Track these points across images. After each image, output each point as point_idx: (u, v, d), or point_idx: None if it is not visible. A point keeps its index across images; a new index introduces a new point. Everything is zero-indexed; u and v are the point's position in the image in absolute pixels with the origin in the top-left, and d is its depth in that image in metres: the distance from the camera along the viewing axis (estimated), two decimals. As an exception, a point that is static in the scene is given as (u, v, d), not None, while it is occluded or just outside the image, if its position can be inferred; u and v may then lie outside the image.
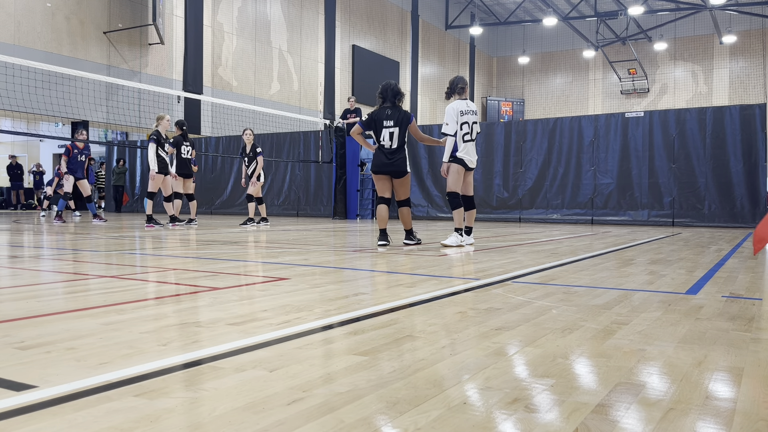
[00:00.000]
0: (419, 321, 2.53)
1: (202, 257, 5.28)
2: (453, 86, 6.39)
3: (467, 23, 31.65)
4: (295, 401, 1.49)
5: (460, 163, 6.31)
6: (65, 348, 1.98)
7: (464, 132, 6.28)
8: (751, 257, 5.59)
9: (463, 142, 6.29)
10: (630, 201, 13.21)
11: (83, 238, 7.42)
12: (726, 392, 1.63)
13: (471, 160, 6.36)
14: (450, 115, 6.24)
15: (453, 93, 6.41)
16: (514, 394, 1.57)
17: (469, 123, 6.31)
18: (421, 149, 15.23)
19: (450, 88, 6.42)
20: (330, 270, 4.33)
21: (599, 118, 13.60)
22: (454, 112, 6.26)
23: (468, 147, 6.34)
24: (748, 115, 12.21)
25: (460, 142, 6.29)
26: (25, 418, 1.36)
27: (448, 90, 6.44)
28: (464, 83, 6.41)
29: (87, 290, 3.31)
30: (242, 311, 2.65)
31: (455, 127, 6.23)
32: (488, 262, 4.87)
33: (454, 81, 6.41)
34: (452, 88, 6.40)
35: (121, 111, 16.78)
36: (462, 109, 6.30)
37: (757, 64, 29.90)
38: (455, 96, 6.39)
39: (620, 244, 7.15)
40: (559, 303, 2.95)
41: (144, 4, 18.14)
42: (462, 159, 6.28)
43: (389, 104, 6.39)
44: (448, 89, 6.43)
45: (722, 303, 3.01)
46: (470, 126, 6.31)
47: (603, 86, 33.79)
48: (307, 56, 24.04)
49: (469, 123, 6.31)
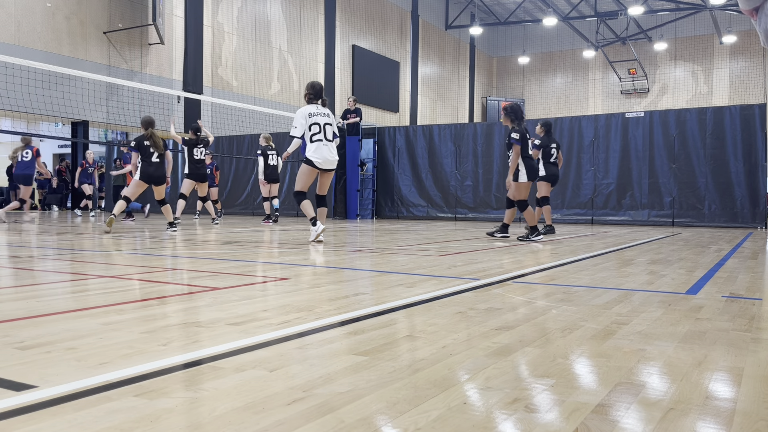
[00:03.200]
0: (419, 321, 2.52)
1: (202, 257, 5.28)
2: (318, 91, 6.71)
3: (467, 23, 31.65)
4: (295, 401, 1.49)
5: (309, 163, 6.44)
6: (65, 348, 1.98)
7: (312, 132, 6.48)
8: (751, 257, 5.59)
9: (311, 142, 6.46)
10: (630, 201, 13.21)
11: (83, 239, 7.42)
12: (726, 392, 1.63)
13: (320, 161, 6.47)
14: (298, 119, 6.53)
15: (317, 97, 6.71)
16: (514, 394, 1.57)
17: (319, 124, 6.50)
18: (421, 149, 15.24)
19: (314, 93, 6.70)
20: (330, 270, 4.33)
21: (599, 118, 13.60)
22: (302, 115, 6.54)
23: (318, 147, 6.47)
24: (748, 115, 12.21)
25: (309, 142, 6.47)
26: (25, 418, 1.36)
27: (312, 94, 6.70)
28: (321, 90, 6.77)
29: (87, 290, 3.31)
30: (242, 311, 2.65)
31: (302, 130, 6.50)
32: (488, 262, 4.87)
33: (317, 86, 6.74)
34: (316, 93, 6.70)
35: (121, 111, 16.78)
36: (311, 112, 6.54)
37: (757, 64, 29.91)
38: (316, 101, 6.68)
39: (620, 244, 7.15)
40: (559, 303, 2.95)
41: (144, 4, 18.14)
42: (311, 159, 6.44)
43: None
44: (312, 94, 6.70)
45: (722, 303, 3.01)
46: (321, 127, 6.49)
47: (603, 86, 33.80)
48: (307, 56, 24.04)
49: (320, 124, 6.50)
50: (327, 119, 6.58)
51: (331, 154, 6.52)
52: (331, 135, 6.57)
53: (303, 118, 6.52)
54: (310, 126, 6.48)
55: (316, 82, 6.80)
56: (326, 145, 6.49)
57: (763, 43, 1.87)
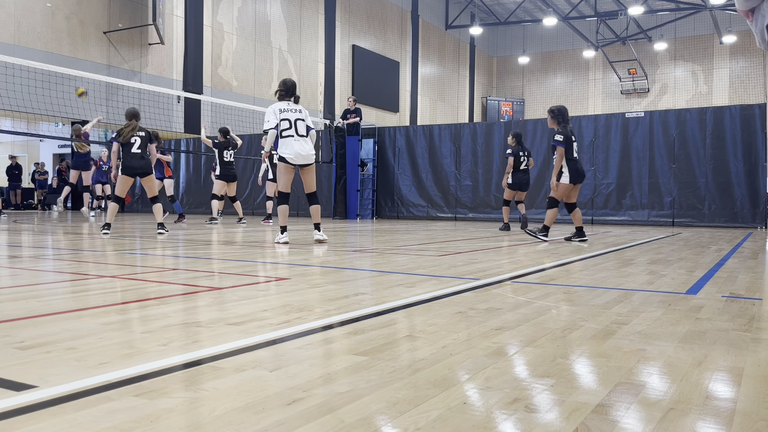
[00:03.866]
0: (419, 321, 2.52)
1: (202, 257, 5.28)
2: (289, 88, 6.65)
3: (467, 23, 31.64)
4: (295, 401, 1.49)
5: (282, 160, 6.45)
6: (65, 348, 1.98)
7: (283, 128, 6.47)
8: (751, 257, 5.59)
9: (281, 137, 6.46)
10: (630, 201, 13.21)
11: (83, 239, 7.42)
12: (726, 392, 1.63)
13: (291, 157, 6.43)
14: (268, 114, 6.55)
15: (289, 95, 6.65)
16: (514, 394, 1.57)
17: (290, 120, 6.48)
18: (421, 149, 15.23)
19: (286, 90, 6.65)
20: (330, 270, 4.33)
21: (599, 118, 13.60)
22: (272, 111, 6.55)
23: (288, 143, 6.44)
24: (748, 115, 12.20)
25: (280, 138, 6.47)
26: (25, 418, 1.36)
27: (284, 91, 6.65)
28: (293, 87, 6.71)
29: (87, 290, 3.31)
30: (242, 311, 2.65)
31: (274, 122, 6.48)
32: (488, 262, 4.87)
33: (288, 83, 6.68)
34: (287, 90, 6.65)
35: (121, 111, 16.75)
36: (282, 108, 6.53)
37: (757, 64, 29.90)
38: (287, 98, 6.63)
39: (620, 244, 7.15)
40: (559, 303, 2.95)
41: (144, 4, 18.14)
42: (282, 156, 6.44)
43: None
44: (284, 90, 6.65)
45: (722, 303, 3.01)
46: (291, 123, 6.47)
47: (603, 86, 33.79)
48: (307, 56, 24.03)
49: (290, 120, 6.48)
50: (298, 114, 6.54)
51: (303, 149, 6.45)
52: (303, 130, 6.51)
53: (273, 113, 6.52)
54: (281, 122, 6.46)
55: (288, 79, 6.75)
56: (297, 140, 6.44)
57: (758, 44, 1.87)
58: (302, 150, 6.46)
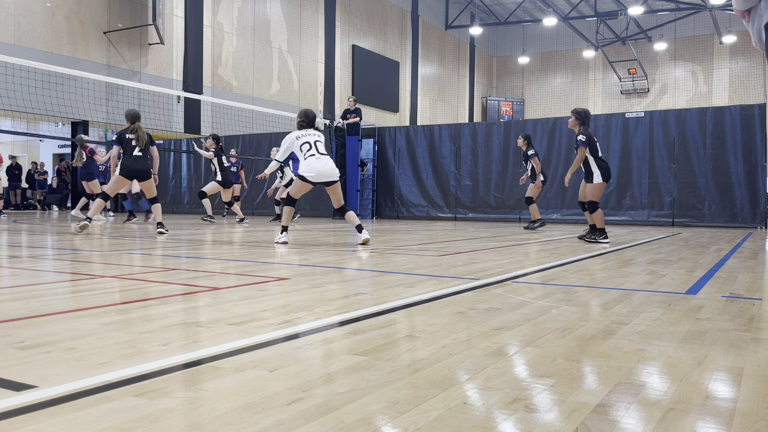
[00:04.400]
0: (419, 321, 2.52)
1: (202, 257, 5.28)
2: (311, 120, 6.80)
3: (467, 23, 31.64)
4: (295, 401, 1.49)
5: (302, 179, 6.59)
6: (65, 348, 1.98)
7: (304, 151, 6.60)
8: (751, 257, 5.59)
9: (304, 159, 6.60)
10: (630, 201, 13.20)
11: (83, 239, 7.42)
12: (726, 392, 1.63)
13: (313, 175, 6.53)
14: (283, 144, 6.74)
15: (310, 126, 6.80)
16: (514, 394, 1.57)
17: (309, 142, 6.61)
18: (421, 149, 15.23)
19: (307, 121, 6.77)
20: (330, 270, 4.33)
21: (599, 118, 13.60)
22: (289, 141, 6.69)
23: (310, 162, 6.55)
24: (748, 115, 12.20)
25: (302, 160, 6.62)
26: (25, 418, 1.36)
27: (305, 122, 6.77)
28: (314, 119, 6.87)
29: (87, 290, 3.31)
30: (242, 311, 2.65)
31: (284, 156, 6.77)
32: (488, 262, 4.87)
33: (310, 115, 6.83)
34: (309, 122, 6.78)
35: (121, 111, 16.76)
36: (298, 135, 6.67)
37: (757, 64, 29.90)
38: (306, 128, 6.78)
39: (620, 244, 7.15)
40: (559, 303, 2.95)
41: (144, 4, 18.14)
42: (303, 175, 6.57)
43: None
44: (305, 122, 6.77)
45: (722, 303, 3.01)
46: (311, 144, 6.60)
47: (603, 86, 33.79)
48: (307, 56, 24.03)
49: (310, 142, 6.61)
50: (317, 137, 6.69)
51: (326, 167, 6.54)
52: (323, 148, 6.67)
53: (288, 144, 6.68)
54: (301, 146, 6.59)
55: (309, 111, 6.85)
56: (319, 158, 6.53)
57: (754, 44, 1.87)
58: (324, 168, 6.52)
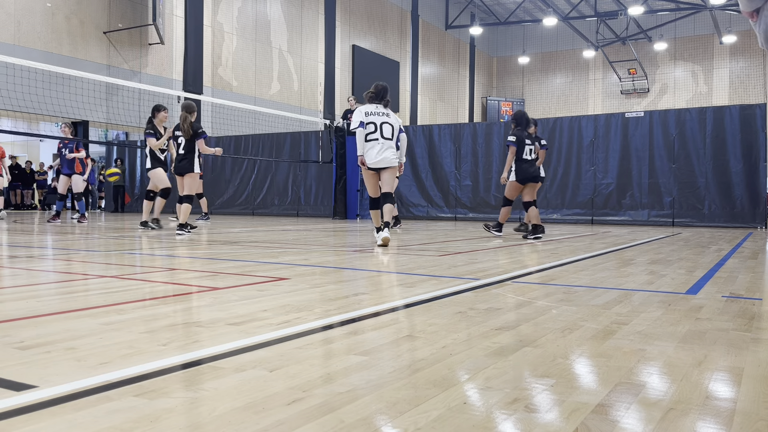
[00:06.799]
0: (419, 321, 2.52)
1: (202, 257, 5.28)
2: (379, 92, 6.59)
3: (467, 23, 31.65)
4: (295, 401, 1.49)
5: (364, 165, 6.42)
6: (65, 348, 1.98)
7: (368, 132, 6.41)
8: (751, 257, 5.59)
9: (366, 141, 6.40)
10: (630, 201, 13.20)
11: (83, 239, 7.42)
12: (726, 392, 1.63)
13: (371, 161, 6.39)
14: (355, 114, 6.50)
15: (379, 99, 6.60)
16: (514, 394, 1.57)
17: (375, 123, 6.42)
18: (421, 149, 15.24)
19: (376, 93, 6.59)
20: (330, 270, 4.33)
21: (599, 118, 13.60)
22: (359, 112, 6.48)
23: (371, 146, 6.39)
24: (748, 115, 12.20)
25: (363, 142, 6.40)
26: (25, 418, 1.36)
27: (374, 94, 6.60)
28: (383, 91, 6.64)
29: (87, 290, 3.31)
30: (242, 311, 2.65)
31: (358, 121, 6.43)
32: (488, 262, 4.87)
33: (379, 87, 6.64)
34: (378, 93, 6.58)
35: (121, 111, 16.78)
36: (368, 111, 6.46)
37: (757, 64, 29.90)
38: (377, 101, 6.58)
39: (620, 244, 7.15)
40: (559, 303, 2.95)
41: (144, 4, 18.14)
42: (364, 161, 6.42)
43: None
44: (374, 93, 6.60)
45: (722, 303, 3.01)
46: (377, 126, 6.41)
47: (603, 86, 33.79)
48: (307, 56, 24.04)
49: (376, 123, 6.42)
50: (384, 118, 6.46)
51: (380, 154, 6.37)
52: (389, 133, 6.44)
53: (359, 114, 6.45)
54: (366, 125, 6.38)
55: (379, 83, 6.68)
56: (380, 143, 6.37)
57: (761, 45, 1.87)
58: (378, 155, 6.39)
